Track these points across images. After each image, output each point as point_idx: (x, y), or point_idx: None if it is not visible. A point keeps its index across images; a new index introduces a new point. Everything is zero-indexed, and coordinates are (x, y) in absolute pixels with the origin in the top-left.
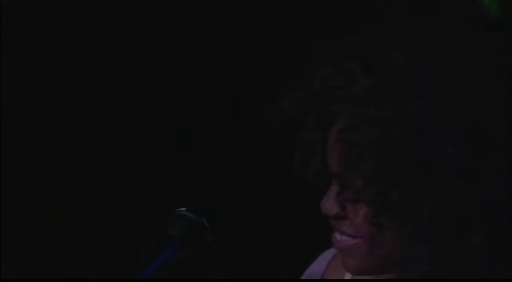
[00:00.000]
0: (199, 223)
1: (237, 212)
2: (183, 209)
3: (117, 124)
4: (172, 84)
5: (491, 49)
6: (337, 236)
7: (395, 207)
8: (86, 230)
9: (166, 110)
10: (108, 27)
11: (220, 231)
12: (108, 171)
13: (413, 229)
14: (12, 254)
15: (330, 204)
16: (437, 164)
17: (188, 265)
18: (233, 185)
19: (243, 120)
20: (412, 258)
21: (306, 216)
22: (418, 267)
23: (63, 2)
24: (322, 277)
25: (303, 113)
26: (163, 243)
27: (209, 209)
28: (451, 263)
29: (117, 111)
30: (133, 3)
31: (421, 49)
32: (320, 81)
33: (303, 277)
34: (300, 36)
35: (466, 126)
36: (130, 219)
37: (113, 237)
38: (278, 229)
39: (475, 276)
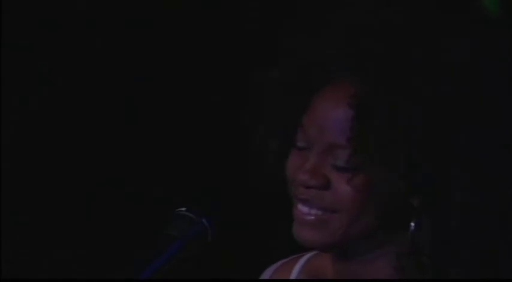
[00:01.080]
0: (199, 223)
1: (237, 212)
2: (183, 209)
3: (116, 124)
4: (172, 84)
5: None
6: (305, 209)
7: (412, 171)
8: (86, 230)
9: (166, 109)
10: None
11: (220, 231)
12: (108, 172)
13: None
14: (12, 254)
15: (313, 174)
16: (460, 134)
17: (188, 265)
18: (233, 184)
19: (242, 120)
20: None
21: None
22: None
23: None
24: None
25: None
26: (163, 243)
27: (209, 208)
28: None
29: (116, 112)
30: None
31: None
32: (326, 45)
33: None
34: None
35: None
36: (130, 219)
37: (113, 237)
38: (278, 229)
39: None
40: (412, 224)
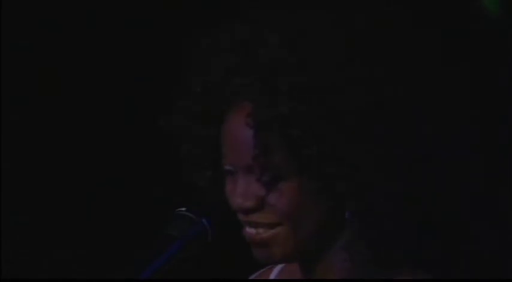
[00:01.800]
0: (199, 223)
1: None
2: (183, 209)
3: (116, 124)
4: (172, 84)
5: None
6: (252, 230)
7: (328, 170)
8: (86, 230)
9: (166, 109)
10: None
11: (220, 231)
12: (108, 172)
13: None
14: (12, 254)
15: (245, 197)
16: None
17: (188, 265)
18: None
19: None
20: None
21: None
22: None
23: None
24: None
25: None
26: (163, 243)
27: (209, 208)
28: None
29: (116, 111)
30: None
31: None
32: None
33: None
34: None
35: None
36: (131, 219)
37: (113, 237)
38: None
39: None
40: (347, 212)
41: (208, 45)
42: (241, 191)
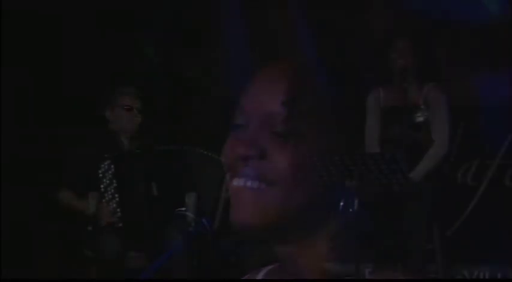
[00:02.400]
0: (199, 223)
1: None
2: (183, 209)
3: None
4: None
5: None
6: (240, 181)
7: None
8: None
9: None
10: None
11: (220, 230)
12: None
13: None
14: (12, 253)
15: (249, 145)
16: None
17: (188, 265)
18: None
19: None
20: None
21: None
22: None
23: None
24: None
25: None
26: (164, 242)
27: (209, 208)
28: None
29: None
30: None
31: None
32: None
33: None
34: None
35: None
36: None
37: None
38: None
39: None
40: (342, 203)
41: None
42: (248, 139)
